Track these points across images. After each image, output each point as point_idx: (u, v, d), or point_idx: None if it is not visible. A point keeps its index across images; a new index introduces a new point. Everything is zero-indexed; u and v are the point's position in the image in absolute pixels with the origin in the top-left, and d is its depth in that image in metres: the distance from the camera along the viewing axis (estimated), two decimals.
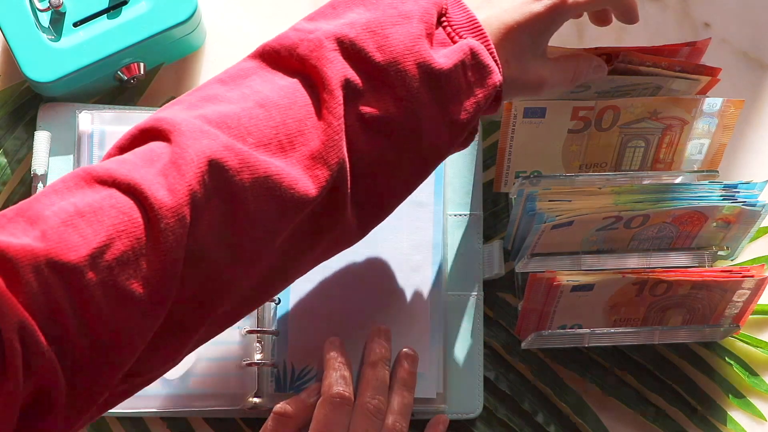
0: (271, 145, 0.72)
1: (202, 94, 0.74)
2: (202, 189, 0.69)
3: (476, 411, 0.91)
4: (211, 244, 0.70)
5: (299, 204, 0.72)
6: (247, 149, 0.71)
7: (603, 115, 0.90)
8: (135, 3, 0.92)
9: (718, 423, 0.93)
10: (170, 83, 0.98)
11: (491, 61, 0.77)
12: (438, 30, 0.77)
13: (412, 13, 0.75)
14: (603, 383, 0.93)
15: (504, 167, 0.93)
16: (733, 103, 0.90)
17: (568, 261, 0.90)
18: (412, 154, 0.77)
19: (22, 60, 0.91)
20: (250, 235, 0.71)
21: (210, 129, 0.71)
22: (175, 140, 0.70)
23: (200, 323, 0.72)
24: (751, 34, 1.00)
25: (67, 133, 0.93)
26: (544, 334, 0.89)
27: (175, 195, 0.68)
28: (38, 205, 0.68)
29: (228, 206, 0.70)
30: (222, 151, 0.70)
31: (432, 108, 0.76)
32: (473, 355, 0.92)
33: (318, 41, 0.74)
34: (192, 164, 0.69)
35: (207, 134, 0.70)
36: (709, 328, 0.91)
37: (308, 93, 0.74)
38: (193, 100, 0.74)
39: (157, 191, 0.68)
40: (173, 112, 0.72)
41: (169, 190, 0.68)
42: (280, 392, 0.90)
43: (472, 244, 0.94)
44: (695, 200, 0.87)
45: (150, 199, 0.67)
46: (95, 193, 0.68)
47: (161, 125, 0.71)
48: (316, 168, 0.73)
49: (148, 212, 0.68)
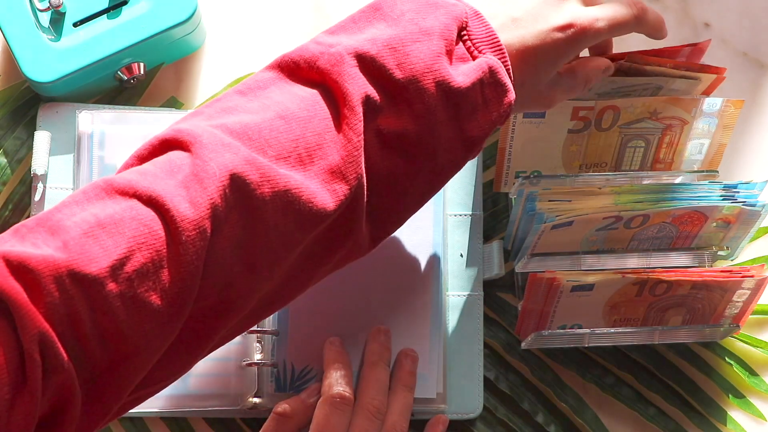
0: (291, 158, 0.72)
1: (222, 105, 0.74)
2: (223, 203, 0.69)
3: (476, 411, 0.91)
4: (229, 256, 0.70)
5: (317, 218, 0.72)
6: (267, 162, 0.71)
7: (603, 115, 0.90)
8: (135, 3, 0.92)
9: (717, 423, 0.93)
10: (170, 83, 0.98)
11: (508, 80, 0.77)
12: (458, 45, 0.77)
13: (432, 30, 0.75)
14: (603, 383, 0.93)
15: (504, 167, 0.93)
16: (733, 103, 0.90)
17: (568, 261, 0.90)
18: (428, 171, 0.77)
19: (22, 60, 0.91)
20: (268, 248, 0.71)
21: (231, 141, 0.71)
22: (195, 152, 0.70)
23: (214, 334, 0.72)
24: (750, 35, 1.00)
25: (67, 133, 0.93)
26: (544, 334, 0.89)
27: (196, 208, 0.68)
28: (59, 215, 0.67)
29: (248, 220, 0.70)
30: (243, 165, 0.70)
31: (449, 126, 0.76)
32: (473, 355, 0.92)
33: (339, 56, 0.74)
34: (214, 178, 0.69)
35: (228, 147, 0.70)
36: (709, 328, 0.91)
37: (328, 106, 0.74)
38: (212, 112, 0.74)
39: (179, 204, 0.68)
40: (194, 122, 0.72)
41: (191, 203, 0.68)
42: (280, 392, 0.90)
43: (472, 244, 0.94)
44: (695, 200, 0.87)
45: (171, 212, 0.67)
46: (116, 204, 0.68)
47: (182, 136, 0.71)
48: (335, 182, 0.73)
49: (170, 225, 0.68)
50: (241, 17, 0.99)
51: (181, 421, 0.91)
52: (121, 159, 0.91)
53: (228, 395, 0.90)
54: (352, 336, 0.89)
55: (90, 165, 0.92)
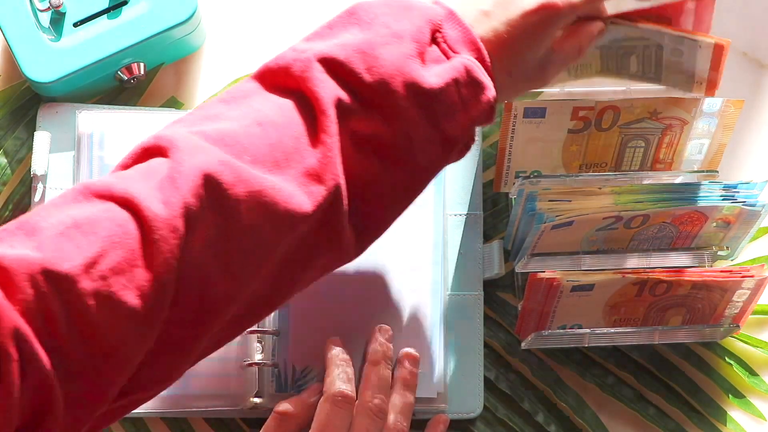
0: (267, 161, 0.73)
1: (204, 113, 0.75)
2: (197, 203, 0.69)
3: (476, 411, 0.91)
4: (205, 256, 0.70)
5: (294, 219, 0.72)
6: (242, 165, 0.72)
7: (603, 115, 0.90)
8: (135, 3, 0.92)
9: (717, 423, 0.93)
10: (170, 83, 0.98)
11: (485, 78, 0.77)
12: (432, 47, 0.77)
13: (404, 33, 0.76)
14: (603, 383, 0.93)
15: (504, 167, 0.93)
16: (733, 103, 0.90)
17: (568, 261, 0.90)
18: (406, 172, 0.77)
19: (23, 60, 0.91)
20: (244, 248, 0.72)
21: (207, 145, 0.72)
22: (172, 156, 0.71)
23: (196, 340, 0.72)
24: (751, 35, 1.00)
25: (67, 133, 0.93)
26: (544, 334, 0.89)
27: (169, 207, 0.69)
28: (36, 218, 0.68)
29: (222, 220, 0.71)
30: (217, 165, 0.70)
31: (423, 127, 0.76)
32: (473, 355, 0.92)
33: (308, 61, 0.75)
34: (187, 179, 0.69)
35: (203, 150, 0.71)
36: (709, 328, 0.91)
37: (303, 112, 0.75)
38: (193, 119, 0.75)
39: (152, 204, 0.68)
40: (174, 129, 0.74)
41: (164, 203, 0.69)
42: (281, 392, 0.90)
43: (472, 244, 0.94)
44: (695, 200, 0.87)
45: (144, 212, 0.68)
46: (93, 206, 0.69)
47: (161, 143, 0.72)
48: (312, 184, 0.73)
49: (143, 224, 0.68)
50: (240, 17, 0.99)
51: (181, 421, 0.91)
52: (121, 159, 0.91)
53: (228, 395, 0.90)
54: (352, 336, 0.89)
55: (90, 165, 0.92)
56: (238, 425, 0.92)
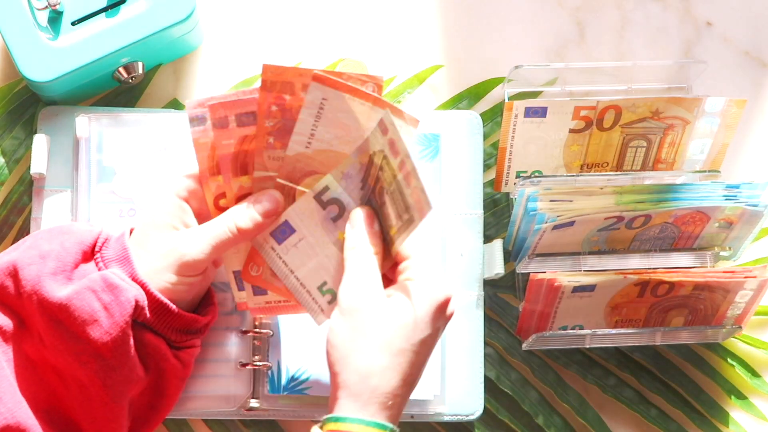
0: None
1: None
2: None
3: (477, 412, 0.91)
4: None
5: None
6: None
7: (604, 115, 0.90)
8: (133, 1, 0.92)
9: (719, 424, 0.93)
10: (169, 83, 0.97)
11: (123, 280, 0.80)
12: (87, 265, 0.82)
13: (50, 253, 0.81)
14: (604, 384, 0.93)
15: (505, 167, 0.93)
16: (735, 103, 0.90)
17: (569, 261, 0.90)
18: (82, 388, 0.81)
19: (20, 59, 0.91)
20: None
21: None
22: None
23: None
24: (752, 33, 1.00)
25: (66, 136, 0.93)
26: (545, 335, 0.89)
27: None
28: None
29: None
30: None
31: (66, 341, 0.80)
32: (474, 356, 0.91)
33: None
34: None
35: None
36: (711, 329, 0.90)
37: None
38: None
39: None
40: None
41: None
42: (275, 394, 0.89)
43: (473, 244, 0.94)
44: (697, 200, 0.87)
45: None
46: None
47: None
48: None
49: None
50: (239, 17, 0.99)
51: (180, 421, 0.91)
52: (119, 161, 0.91)
53: (223, 397, 0.89)
54: None
55: (88, 168, 0.91)
56: (237, 426, 0.91)
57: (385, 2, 0.99)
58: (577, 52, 0.98)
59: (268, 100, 0.80)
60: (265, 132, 0.81)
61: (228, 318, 0.90)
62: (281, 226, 0.82)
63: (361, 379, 0.76)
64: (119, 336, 0.79)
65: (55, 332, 0.80)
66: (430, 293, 0.77)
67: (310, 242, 0.81)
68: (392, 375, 0.76)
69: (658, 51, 0.98)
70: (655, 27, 0.99)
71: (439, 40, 0.99)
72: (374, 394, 0.75)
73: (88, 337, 0.79)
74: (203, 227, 0.82)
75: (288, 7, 0.99)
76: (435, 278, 0.78)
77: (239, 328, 0.90)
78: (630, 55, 0.98)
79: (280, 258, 0.82)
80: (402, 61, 0.98)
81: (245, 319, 0.90)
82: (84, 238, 0.82)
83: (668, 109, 0.90)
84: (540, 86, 0.96)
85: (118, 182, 0.91)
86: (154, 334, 0.81)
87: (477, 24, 0.99)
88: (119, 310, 0.79)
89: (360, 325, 0.76)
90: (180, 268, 0.81)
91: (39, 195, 0.92)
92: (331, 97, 0.80)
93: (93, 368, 0.80)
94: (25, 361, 0.81)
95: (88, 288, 0.80)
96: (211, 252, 0.81)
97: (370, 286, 0.78)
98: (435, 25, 0.99)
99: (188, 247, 0.81)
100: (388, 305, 0.77)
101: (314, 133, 0.81)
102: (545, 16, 0.99)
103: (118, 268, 0.81)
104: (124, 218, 0.91)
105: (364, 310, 0.77)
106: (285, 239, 0.82)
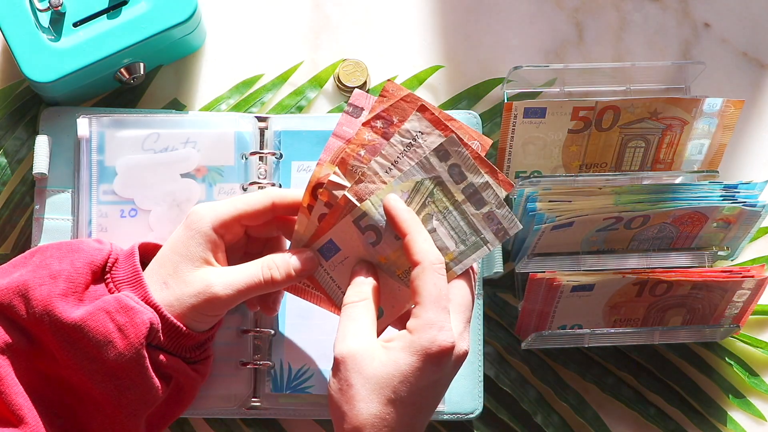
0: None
1: None
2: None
3: (476, 411, 0.91)
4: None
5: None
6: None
7: (603, 115, 0.90)
8: (135, 3, 0.92)
9: (718, 423, 0.93)
10: (170, 84, 0.98)
11: (137, 303, 0.80)
12: (98, 286, 0.82)
13: (60, 273, 0.81)
14: (603, 383, 0.93)
15: (504, 167, 0.93)
16: (733, 104, 0.90)
17: (568, 261, 0.90)
18: (100, 408, 0.81)
19: (22, 60, 0.91)
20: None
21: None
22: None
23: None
24: (750, 35, 1.00)
25: (68, 137, 0.93)
26: (544, 334, 0.89)
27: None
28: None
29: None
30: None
31: (80, 362, 0.80)
32: (473, 355, 0.92)
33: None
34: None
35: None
36: (710, 328, 0.91)
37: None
38: None
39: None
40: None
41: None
42: (277, 392, 0.90)
43: None
44: (695, 200, 0.87)
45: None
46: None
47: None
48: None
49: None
50: (241, 17, 0.99)
51: (181, 421, 0.91)
52: (120, 162, 0.91)
53: (225, 396, 0.90)
54: None
55: (89, 169, 0.91)
56: (237, 425, 0.92)
57: (385, 3, 0.99)
58: (576, 53, 0.98)
59: (378, 114, 0.81)
60: (361, 143, 0.81)
61: (229, 317, 0.90)
62: (327, 244, 0.82)
63: (354, 429, 0.75)
64: (134, 357, 0.79)
65: (69, 352, 0.80)
66: (421, 344, 0.75)
67: (353, 263, 0.82)
68: (384, 426, 0.75)
69: (656, 52, 0.99)
70: (653, 28, 0.99)
71: (439, 41, 0.99)
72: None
73: (103, 358, 0.79)
74: (238, 269, 0.82)
75: (288, 8, 0.99)
76: (434, 327, 0.76)
77: (240, 328, 0.90)
78: (628, 56, 0.98)
79: (328, 274, 0.82)
80: (402, 62, 0.98)
81: (246, 319, 0.90)
82: (94, 258, 0.82)
83: (666, 110, 0.90)
84: (539, 87, 0.97)
85: (119, 182, 0.91)
86: (170, 354, 0.82)
87: (476, 25, 0.99)
88: (134, 332, 0.79)
89: (348, 375, 0.76)
90: (207, 303, 0.81)
91: (41, 195, 0.92)
92: (427, 133, 0.80)
93: (107, 388, 0.80)
94: (38, 376, 0.81)
95: (102, 309, 0.80)
96: (240, 295, 0.81)
97: (359, 337, 0.77)
98: (435, 26, 0.99)
99: (220, 287, 0.80)
100: (377, 356, 0.76)
101: (398, 161, 0.81)
102: (544, 17, 0.99)
103: (129, 290, 0.81)
104: (125, 218, 0.91)
105: (350, 361, 0.76)
106: (331, 257, 0.82)
